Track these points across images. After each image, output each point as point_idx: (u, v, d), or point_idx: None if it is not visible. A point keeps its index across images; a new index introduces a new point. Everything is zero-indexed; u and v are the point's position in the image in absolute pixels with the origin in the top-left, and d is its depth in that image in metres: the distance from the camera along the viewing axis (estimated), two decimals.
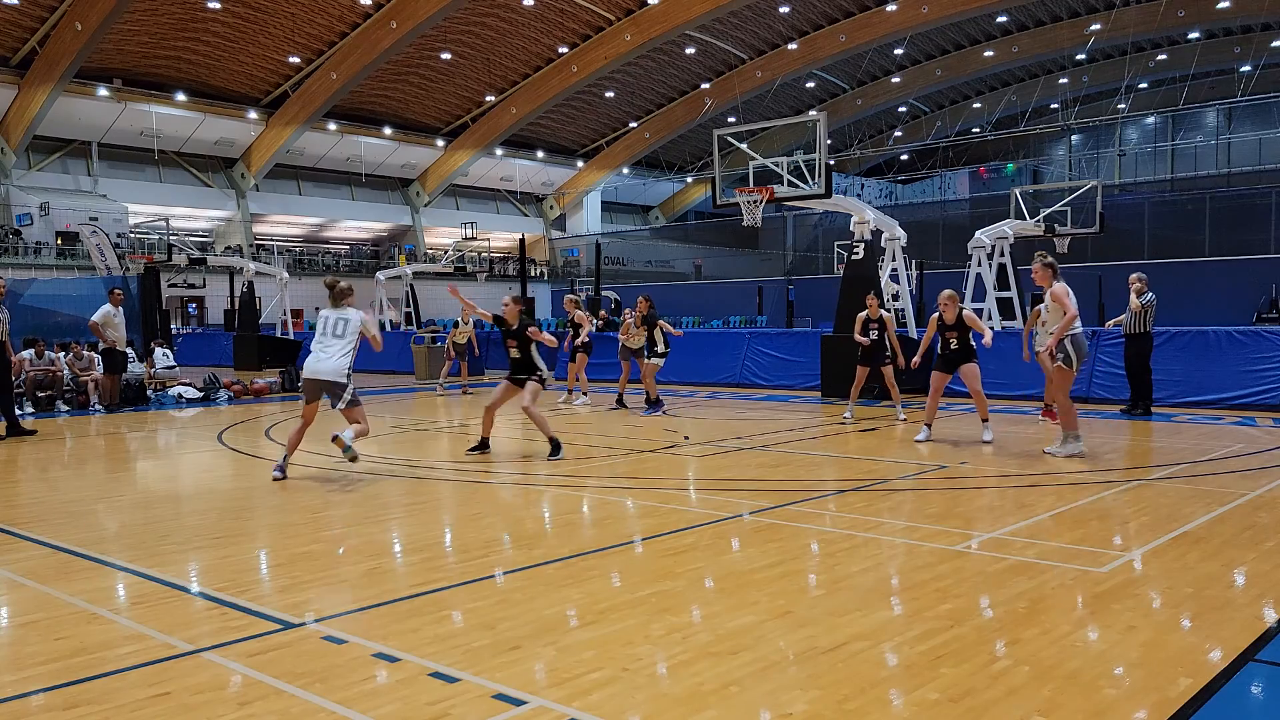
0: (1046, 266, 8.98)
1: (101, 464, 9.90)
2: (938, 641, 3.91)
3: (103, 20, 32.81)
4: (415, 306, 31.67)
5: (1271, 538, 5.62)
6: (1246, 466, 8.25)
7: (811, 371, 16.29)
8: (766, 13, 42.29)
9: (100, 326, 14.27)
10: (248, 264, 28.97)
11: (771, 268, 48.90)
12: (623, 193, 60.86)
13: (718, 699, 3.37)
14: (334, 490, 7.88)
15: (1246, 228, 34.49)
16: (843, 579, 4.90)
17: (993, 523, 6.27)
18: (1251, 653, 3.77)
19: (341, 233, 53.93)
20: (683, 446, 10.02)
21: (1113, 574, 4.90)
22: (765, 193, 13.98)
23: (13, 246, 38.04)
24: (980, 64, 51.27)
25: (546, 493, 7.73)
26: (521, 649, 3.90)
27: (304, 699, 3.41)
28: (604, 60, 43.18)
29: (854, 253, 15.66)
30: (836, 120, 52.93)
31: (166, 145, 44.02)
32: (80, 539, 6.03)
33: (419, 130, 50.23)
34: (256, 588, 4.99)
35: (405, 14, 36.73)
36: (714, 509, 6.80)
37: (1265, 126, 48.89)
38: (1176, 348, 13.28)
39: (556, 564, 5.28)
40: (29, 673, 3.71)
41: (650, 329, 13.39)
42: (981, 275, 19.93)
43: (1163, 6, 41.98)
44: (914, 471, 8.17)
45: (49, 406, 15.00)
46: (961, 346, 9.96)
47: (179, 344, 25.02)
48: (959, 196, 54.93)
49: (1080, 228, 23.51)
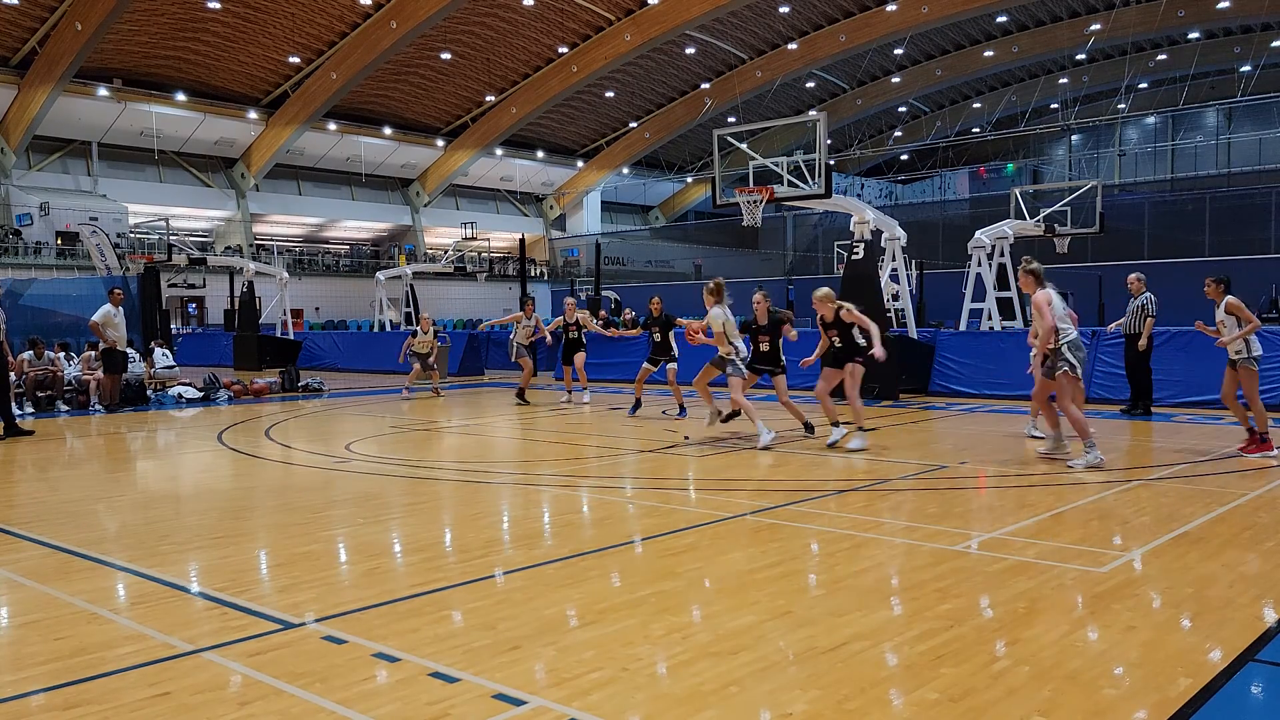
0: (1028, 273, 8.62)
1: (101, 464, 9.90)
2: (938, 641, 3.91)
3: (103, 20, 32.80)
4: (415, 306, 31.64)
5: (1271, 538, 5.62)
6: (1246, 466, 8.25)
7: (812, 371, 16.26)
8: (766, 13, 42.28)
9: (100, 326, 14.28)
10: (248, 264, 28.96)
11: (772, 268, 48.88)
12: (623, 193, 60.85)
13: (718, 699, 3.37)
14: (334, 490, 7.88)
15: (1246, 228, 34.49)
16: (843, 579, 4.90)
17: (993, 523, 6.26)
18: (1251, 653, 3.77)
19: (341, 233, 53.92)
20: (683, 446, 10.01)
21: (1113, 574, 4.89)
22: (765, 193, 13.97)
23: (13, 246, 38.04)
24: (980, 64, 51.27)
25: (546, 493, 7.73)
26: (521, 649, 3.90)
27: (304, 699, 3.41)
28: (604, 60, 43.18)
29: (854, 253, 15.66)
30: (836, 120, 52.94)
31: (166, 145, 44.01)
32: (80, 539, 6.03)
33: (419, 130, 50.23)
34: (256, 588, 4.99)
35: (405, 14, 36.73)
36: (714, 509, 6.80)
37: (1265, 126, 48.89)
38: (1176, 348, 13.28)
39: (556, 564, 5.28)
40: (29, 673, 3.71)
41: (665, 331, 13.16)
42: (981, 275, 19.91)
43: (1163, 6, 41.97)
44: (914, 471, 8.17)
45: (49, 406, 15.00)
46: (846, 345, 9.71)
47: (179, 344, 25.02)
48: (959, 196, 54.92)
49: (1080, 228, 23.49)
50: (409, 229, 53.64)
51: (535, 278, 51.73)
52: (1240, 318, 8.75)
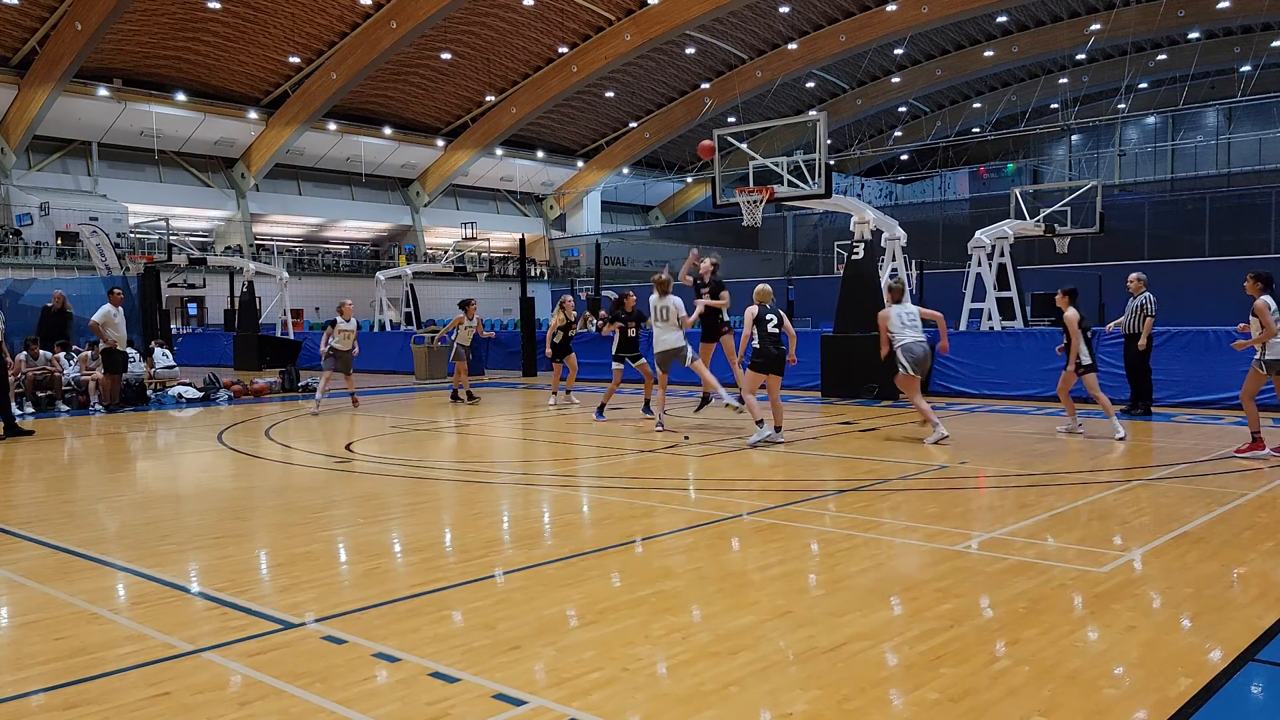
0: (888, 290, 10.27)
1: (101, 464, 9.90)
2: (938, 641, 3.91)
3: (103, 20, 32.79)
4: (415, 306, 31.65)
5: (1271, 538, 5.62)
6: (1246, 466, 8.25)
7: (812, 371, 16.28)
8: (766, 13, 42.26)
9: (100, 326, 14.28)
10: (248, 264, 28.96)
11: (772, 268, 48.86)
12: (623, 193, 60.84)
13: (718, 699, 3.37)
14: (334, 490, 7.88)
15: (1246, 228, 34.47)
16: (843, 579, 4.90)
17: (993, 523, 6.26)
18: (1251, 653, 3.77)
19: (341, 233, 53.91)
20: (683, 446, 10.01)
21: (1113, 574, 4.89)
22: (765, 193, 13.97)
23: (13, 246, 38.02)
24: (980, 64, 51.26)
25: (546, 493, 7.73)
26: (521, 649, 3.90)
27: (304, 699, 3.41)
28: (604, 60, 43.16)
29: (854, 253, 15.67)
30: (836, 120, 52.91)
31: (166, 145, 43.99)
32: (80, 539, 6.03)
33: (419, 130, 50.22)
34: (256, 588, 4.99)
35: (405, 14, 36.72)
36: (714, 509, 6.80)
37: (1265, 126, 48.89)
38: (1176, 348, 13.27)
39: (556, 564, 5.28)
40: (29, 673, 3.71)
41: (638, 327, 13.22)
42: (981, 275, 19.92)
43: (1163, 6, 41.95)
44: (914, 471, 8.17)
45: (49, 406, 15.00)
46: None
47: (179, 344, 25.00)
48: (959, 196, 54.91)
49: (1080, 228, 23.50)
50: (409, 229, 53.62)
51: (535, 278, 51.68)
52: (1261, 321, 8.66)
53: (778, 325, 9.94)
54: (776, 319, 9.95)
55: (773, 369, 9.90)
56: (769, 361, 9.85)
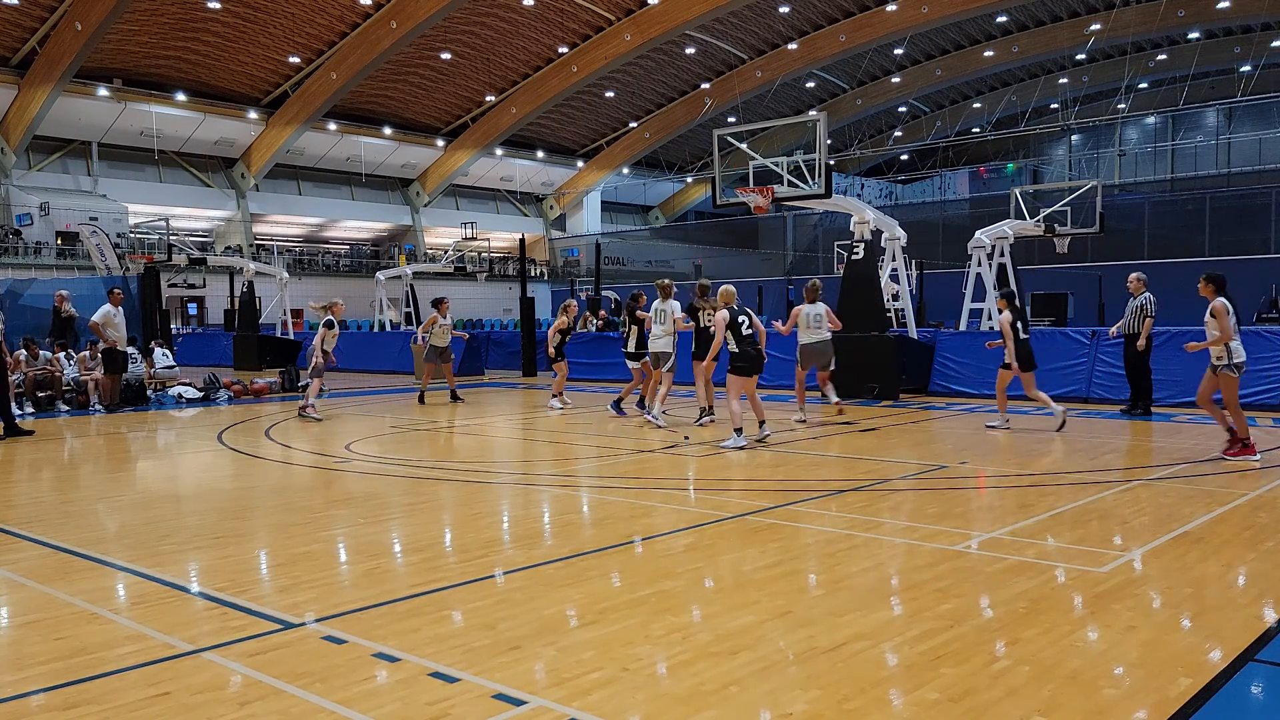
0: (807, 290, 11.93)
1: (101, 464, 9.90)
2: (938, 641, 3.91)
3: (103, 20, 32.78)
4: (415, 306, 31.65)
5: (1271, 538, 5.62)
6: (1246, 466, 8.25)
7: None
8: (766, 13, 42.26)
9: (100, 326, 14.27)
10: (248, 264, 28.95)
11: (772, 267, 48.84)
12: (623, 193, 60.83)
13: (718, 699, 3.37)
14: (334, 490, 7.89)
15: (1246, 228, 34.46)
16: (843, 579, 4.90)
17: (993, 523, 6.27)
18: (1251, 653, 3.77)
19: (341, 233, 53.90)
20: (682, 446, 10.01)
21: (1113, 574, 4.89)
22: (765, 193, 13.96)
23: (13, 246, 38.02)
24: (980, 64, 51.25)
25: (546, 493, 7.73)
26: (521, 649, 3.90)
27: (304, 699, 3.41)
28: (604, 60, 43.16)
29: (854, 253, 15.66)
30: (836, 120, 52.90)
31: (166, 145, 43.98)
32: (80, 539, 6.03)
33: (419, 130, 50.22)
34: (256, 588, 4.99)
35: (405, 14, 36.72)
36: (714, 509, 6.80)
37: (1265, 126, 48.86)
38: (1176, 348, 13.26)
39: (556, 564, 5.28)
40: (29, 673, 3.71)
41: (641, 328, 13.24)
42: (981, 275, 19.91)
43: (1163, 6, 41.94)
44: (914, 471, 8.17)
45: (49, 406, 15.00)
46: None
47: (179, 344, 25.00)
48: (959, 196, 54.89)
49: (1080, 228, 23.48)
50: (409, 229, 53.61)
51: (535, 278, 51.68)
52: (1219, 324, 8.42)
53: (749, 325, 9.92)
54: (747, 319, 9.93)
55: (755, 370, 9.91)
56: (750, 363, 9.85)
